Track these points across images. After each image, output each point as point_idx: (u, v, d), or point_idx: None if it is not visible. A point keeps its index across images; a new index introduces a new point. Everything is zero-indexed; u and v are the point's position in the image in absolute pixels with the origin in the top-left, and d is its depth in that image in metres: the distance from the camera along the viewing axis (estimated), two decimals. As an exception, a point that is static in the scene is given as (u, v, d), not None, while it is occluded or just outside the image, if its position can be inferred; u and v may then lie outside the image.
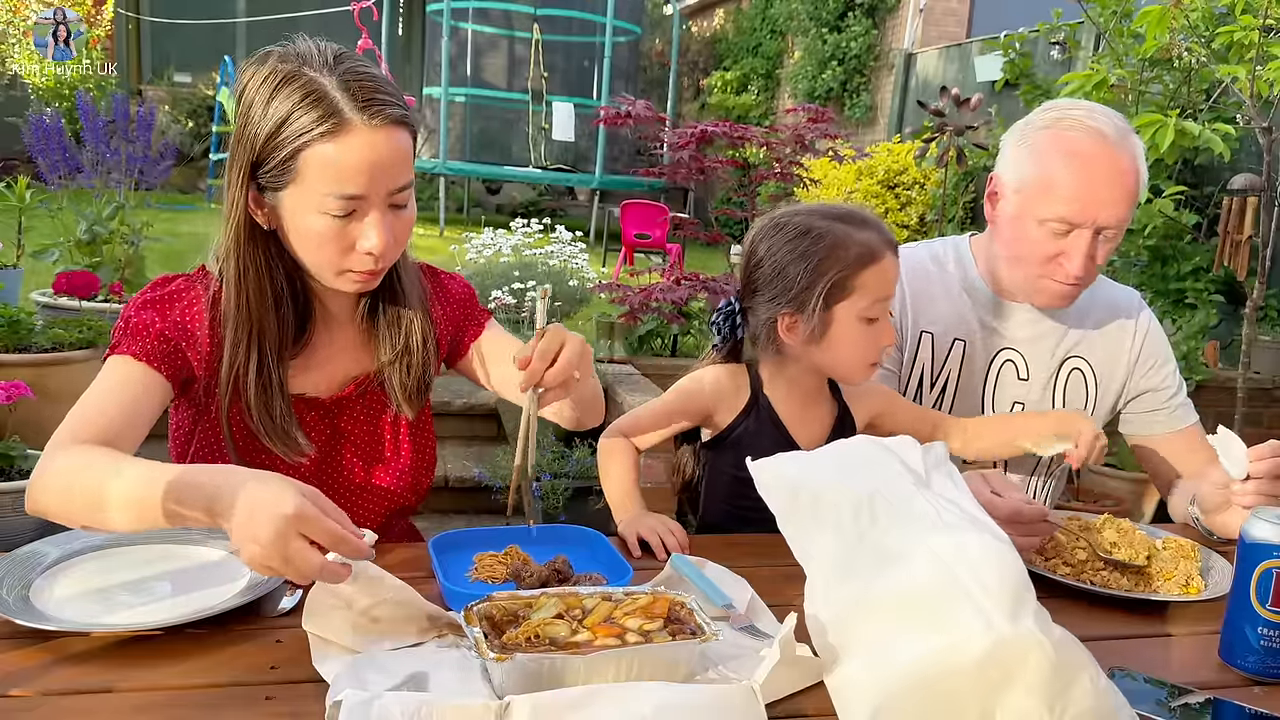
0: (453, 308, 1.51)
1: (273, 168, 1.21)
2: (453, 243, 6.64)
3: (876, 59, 10.29)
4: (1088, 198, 1.56)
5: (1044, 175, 1.59)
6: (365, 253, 1.24)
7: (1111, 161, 1.56)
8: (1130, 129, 1.62)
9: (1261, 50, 3.34)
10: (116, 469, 1.09)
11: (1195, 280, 4.77)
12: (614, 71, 10.67)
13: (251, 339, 1.29)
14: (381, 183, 1.22)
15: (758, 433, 1.51)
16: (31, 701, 0.93)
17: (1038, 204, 1.60)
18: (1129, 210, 1.59)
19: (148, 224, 4.19)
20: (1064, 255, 1.60)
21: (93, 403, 1.22)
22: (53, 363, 3.33)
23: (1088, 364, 1.78)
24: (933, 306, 1.76)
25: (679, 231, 5.72)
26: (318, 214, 1.21)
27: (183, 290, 1.32)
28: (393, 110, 1.21)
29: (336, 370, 1.41)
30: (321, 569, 0.95)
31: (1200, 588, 1.32)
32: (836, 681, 0.97)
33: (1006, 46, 5.41)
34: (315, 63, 1.21)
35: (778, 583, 1.25)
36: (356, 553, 0.97)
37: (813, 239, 1.45)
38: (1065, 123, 1.60)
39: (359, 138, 1.19)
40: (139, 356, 1.25)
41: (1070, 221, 1.57)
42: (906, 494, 1.03)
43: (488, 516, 3.82)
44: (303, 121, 1.18)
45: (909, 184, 7.45)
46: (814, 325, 1.45)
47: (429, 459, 1.52)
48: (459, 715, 0.84)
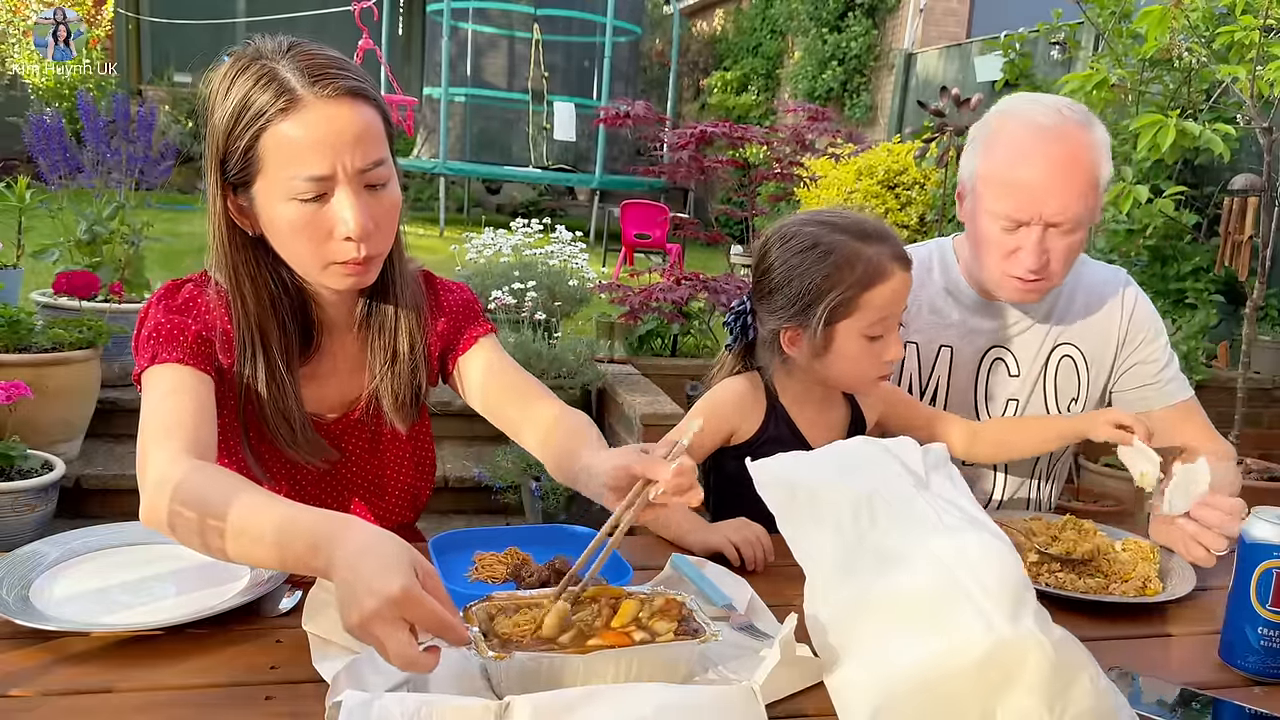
0: (447, 320, 1.44)
1: (236, 160, 1.18)
2: (453, 243, 6.64)
3: (876, 59, 10.29)
4: (1030, 192, 1.52)
5: (989, 171, 1.58)
6: (344, 238, 1.19)
7: (1054, 152, 1.53)
8: (1087, 119, 1.57)
9: (1262, 50, 3.34)
10: (244, 498, 1.03)
11: (1195, 280, 4.77)
12: (614, 71, 10.67)
13: (258, 345, 1.27)
14: (345, 158, 1.17)
15: (776, 440, 1.49)
16: (31, 701, 0.93)
17: (987, 200, 1.58)
18: (1081, 202, 1.53)
19: (148, 224, 4.19)
20: (1018, 250, 1.57)
21: (168, 414, 1.17)
22: (53, 363, 3.33)
23: (1078, 350, 1.76)
24: (917, 318, 1.74)
25: (679, 231, 5.73)
26: (287, 201, 1.18)
27: (197, 295, 1.30)
28: (346, 82, 1.18)
29: (341, 385, 1.39)
30: (411, 664, 0.87)
31: (1158, 589, 1.31)
32: (836, 682, 0.97)
33: (1006, 46, 5.41)
34: (268, 52, 1.19)
35: (778, 583, 1.25)
36: (458, 640, 0.90)
37: (819, 254, 1.43)
38: (1011, 117, 1.58)
39: (314, 112, 1.16)
40: (185, 361, 1.22)
41: (1014, 218, 1.55)
42: (906, 495, 1.03)
43: (488, 516, 3.82)
44: (258, 105, 1.16)
45: (909, 184, 7.45)
46: (816, 341, 1.44)
47: (428, 473, 1.51)
48: (459, 716, 0.84)
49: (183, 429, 1.15)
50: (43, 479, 2.95)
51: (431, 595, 0.88)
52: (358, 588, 0.88)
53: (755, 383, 1.54)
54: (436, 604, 0.88)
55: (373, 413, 1.40)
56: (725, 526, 1.37)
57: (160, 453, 1.11)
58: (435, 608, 0.88)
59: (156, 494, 1.07)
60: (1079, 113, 1.58)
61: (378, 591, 0.86)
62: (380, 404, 1.39)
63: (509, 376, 1.42)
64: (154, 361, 1.21)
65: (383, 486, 1.46)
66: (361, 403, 1.40)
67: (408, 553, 0.92)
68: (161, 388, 1.20)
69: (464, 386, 1.44)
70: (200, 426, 1.17)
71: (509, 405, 1.39)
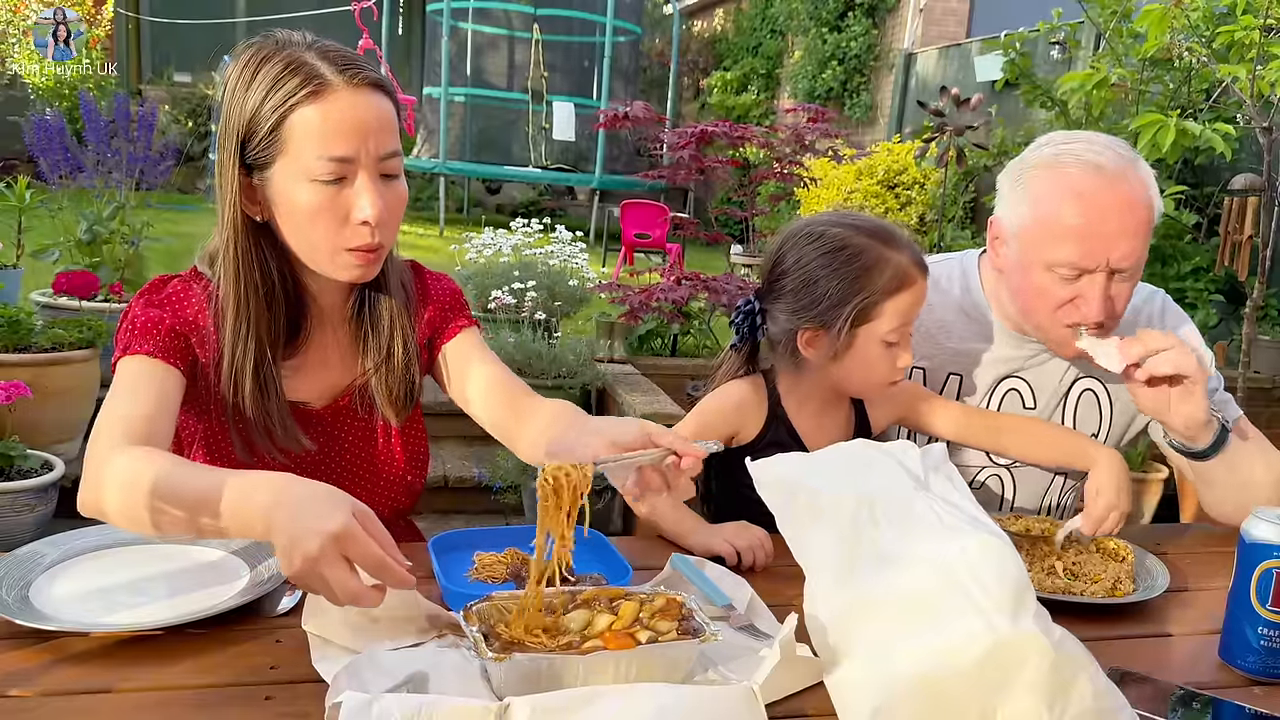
0: (433, 310, 1.46)
1: (260, 141, 1.21)
2: (453, 242, 6.64)
3: (876, 59, 10.29)
4: (1095, 239, 1.42)
5: (1045, 218, 1.46)
6: (361, 222, 1.23)
7: (1116, 196, 1.43)
8: (1135, 156, 1.48)
9: (1262, 50, 3.34)
10: (175, 471, 1.07)
11: (1195, 280, 4.77)
12: (614, 71, 10.67)
13: (249, 335, 1.29)
14: (369, 144, 1.21)
15: (776, 444, 1.49)
16: (31, 701, 0.93)
17: (1043, 249, 1.46)
18: (1143, 244, 1.45)
19: (148, 224, 4.19)
20: (1080, 299, 1.46)
21: (123, 404, 1.20)
22: (52, 363, 3.33)
23: (1102, 385, 1.66)
24: (927, 340, 1.65)
25: (679, 231, 5.73)
26: (308, 182, 1.21)
27: (182, 290, 1.32)
28: (371, 74, 1.23)
29: (329, 376, 1.41)
30: (356, 597, 0.92)
31: (1128, 591, 1.30)
32: (836, 682, 0.97)
33: (1006, 46, 5.40)
34: (292, 43, 1.24)
35: (778, 583, 1.25)
36: (400, 582, 0.93)
37: (847, 256, 1.42)
38: (1063, 159, 1.47)
39: (342, 98, 1.20)
40: (154, 354, 1.25)
41: (1080, 266, 1.44)
42: (906, 495, 1.03)
43: (488, 516, 3.82)
44: (286, 89, 1.19)
45: (909, 184, 7.46)
46: (837, 344, 1.43)
47: (421, 459, 1.52)
48: (459, 716, 0.84)
49: (133, 419, 1.18)
50: (42, 479, 2.95)
51: (372, 537, 0.93)
52: (298, 532, 0.92)
53: (758, 386, 1.54)
54: (375, 544, 0.92)
55: (365, 404, 1.42)
56: (726, 529, 1.37)
57: (103, 440, 1.15)
58: (374, 548, 0.92)
59: (94, 479, 1.12)
60: (1130, 150, 1.49)
61: (319, 531, 0.91)
62: (373, 398, 1.41)
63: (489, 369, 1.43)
64: (125, 353, 1.25)
65: (375, 475, 1.47)
66: (350, 391, 1.41)
67: (345, 498, 0.96)
68: (126, 380, 1.24)
69: (446, 375, 1.47)
70: (156, 417, 1.20)
71: (498, 407, 1.41)
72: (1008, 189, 1.54)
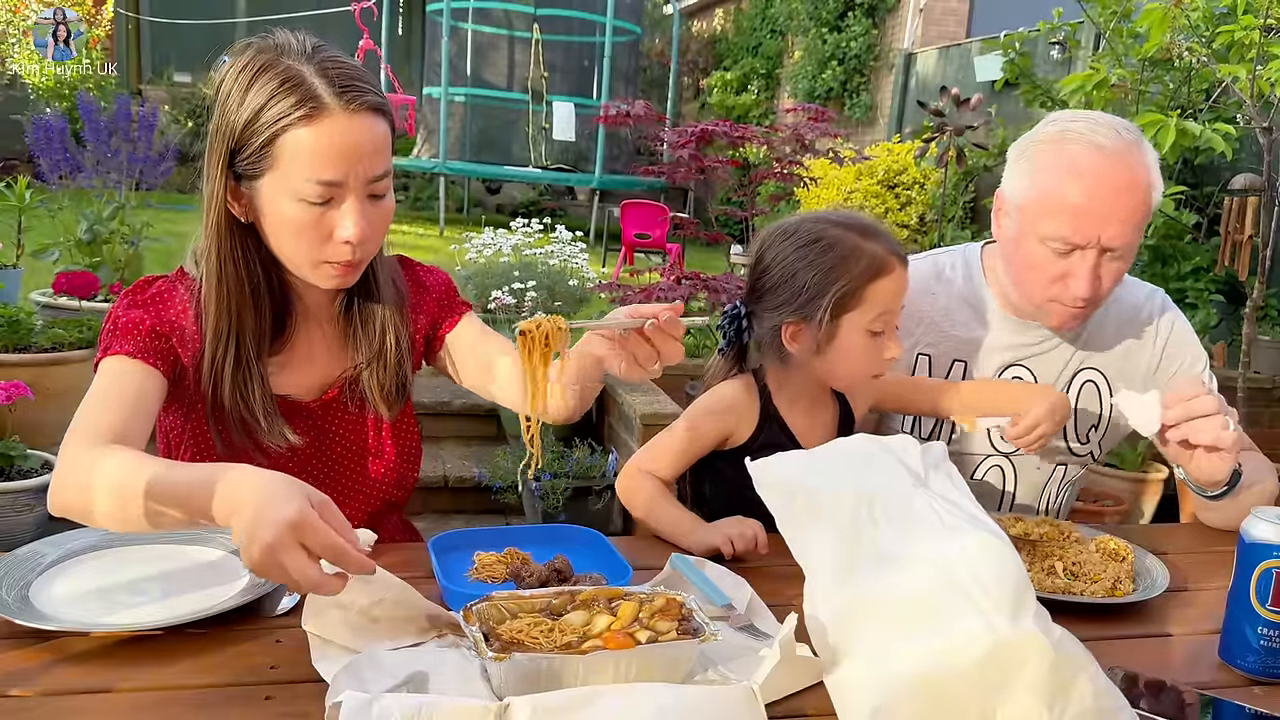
0: (430, 301, 1.49)
1: (250, 154, 1.21)
2: (453, 242, 6.63)
3: (876, 59, 10.29)
4: (1089, 216, 1.47)
5: (1043, 192, 1.51)
6: (343, 242, 1.23)
7: (1115, 176, 1.47)
8: (1139, 139, 1.52)
9: (1262, 50, 3.34)
10: (138, 467, 1.08)
11: (1195, 280, 4.77)
12: (614, 71, 10.66)
13: (230, 333, 1.29)
14: (359, 169, 1.21)
15: (770, 444, 1.48)
16: (31, 701, 0.93)
17: (1038, 222, 1.51)
18: (1136, 227, 1.49)
19: (148, 224, 4.20)
20: (1069, 276, 1.51)
21: (98, 404, 1.21)
22: (52, 363, 3.34)
23: (1102, 375, 1.69)
24: (932, 329, 1.69)
25: (679, 231, 5.73)
26: (295, 201, 1.21)
27: (166, 291, 1.32)
28: (370, 98, 1.22)
29: (317, 370, 1.41)
30: (316, 584, 0.92)
31: (1128, 591, 1.30)
32: (836, 682, 0.97)
33: (1006, 46, 5.40)
34: (293, 52, 1.22)
35: (778, 583, 1.25)
36: (358, 568, 0.94)
37: (823, 247, 1.44)
38: (1067, 136, 1.51)
39: (337, 123, 1.19)
40: (134, 354, 1.25)
41: (1071, 241, 1.49)
42: (905, 494, 1.03)
43: (488, 516, 3.82)
44: (281, 106, 1.18)
45: (909, 184, 7.45)
46: (820, 335, 1.44)
47: (414, 454, 1.52)
48: (459, 716, 0.84)
49: (104, 419, 1.19)
50: (43, 479, 2.95)
51: (330, 525, 0.93)
52: (256, 522, 0.92)
53: (749, 386, 1.55)
54: (332, 532, 0.93)
55: (355, 398, 1.43)
56: (723, 524, 1.38)
57: (73, 440, 1.16)
58: (332, 535, 0.93)
59: (60, 478, 1.13)
60: (1133, 132, 1.52)
61: (274, 521, 0.91)
62: (364, 393, 1.42)
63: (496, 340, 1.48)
64: (106, 353, 1.26)
65: (366, 468, 1.47)
66: (339, 384, 1.42)
67: (301, 486, 0.96)
68: (105, 379, 1.24)
69: (453, 360, 1.50)
70: (131, 417, 1.21)
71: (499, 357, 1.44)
72: (1013, 162, 1.59)
